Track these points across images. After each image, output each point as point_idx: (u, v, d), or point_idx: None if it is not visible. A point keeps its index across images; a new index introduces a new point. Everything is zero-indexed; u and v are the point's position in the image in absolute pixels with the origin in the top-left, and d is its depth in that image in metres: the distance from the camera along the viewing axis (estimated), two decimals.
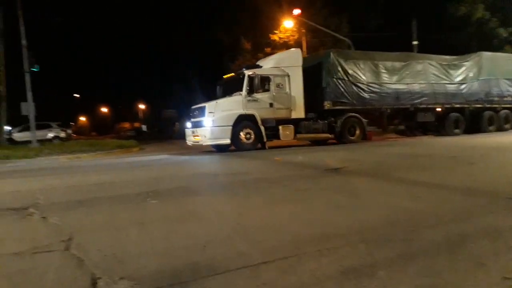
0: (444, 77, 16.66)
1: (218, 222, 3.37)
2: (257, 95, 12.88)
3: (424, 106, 16.22)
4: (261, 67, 13.92)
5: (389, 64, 15.63)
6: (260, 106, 12.90)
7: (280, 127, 13.13)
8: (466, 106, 17.16)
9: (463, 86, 17.09)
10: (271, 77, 13.23)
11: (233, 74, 14.60)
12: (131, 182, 6.29)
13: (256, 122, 12.69)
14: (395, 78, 15.60)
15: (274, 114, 13.16)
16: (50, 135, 28.49)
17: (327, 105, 14.14)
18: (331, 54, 14.56)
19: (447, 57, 17.36)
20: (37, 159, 12.83)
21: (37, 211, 4.06)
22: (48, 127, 28.86)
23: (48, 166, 10.73)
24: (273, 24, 27.31)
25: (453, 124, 17.05)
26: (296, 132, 13.53)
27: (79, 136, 42.87)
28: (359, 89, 14.78)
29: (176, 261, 2.44)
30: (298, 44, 25.96)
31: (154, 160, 11.31)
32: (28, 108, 18.15)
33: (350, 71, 14.62)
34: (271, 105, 13.11)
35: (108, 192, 5.25)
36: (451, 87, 16.80)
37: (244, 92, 12.76)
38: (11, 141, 24.87)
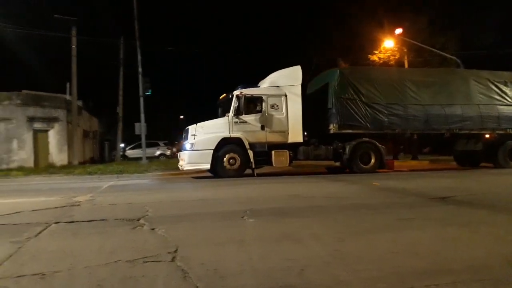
0: (496, 97, 13.95)
1: (315, 246, 3.29)
2: (246, 117, 11.84)
3: (466, 131, 13.66)
4: (258, 87, 12.83)
5: (418, 82, 13.55)
6: (249, 129, 11.85)
7: (273, 152, 11.87)
8: None
9: None
10: (264, 97, 12.11)
11: (225, 94, 13.16)
12: (231, 200, 6.52)
13: (244, 147, 11.69)
14: (425, 98, 13.36)
15: (266, 137, 11.99)
16: (158, 152, 31.19)
17: (332, 128, 12.56)
18: (338, 71, 13.12)
19: (504, 73, 14.55)
20: (146, 174, 14.02)
21: (146, 223, 4.41)
22: (156, 145, 31.77)
23: (155, 181, 11.67)
24: (372, 44, 26.63)
25: (509, 154, 13.97)
26: (294, 158, 12.37)
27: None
28: (375, 111, 12.87)
29: (274, 282, 2.43)
30: (399, 65, 24.88)
31: (249, 179, 11.52)
32: (141, 128, 20.14)
33: (363, 91, 12.86)
34: (262, 127, 11.96)
35: (210, 208, 5.52)
36: (507, 110, 13.92)
37: (230, 113, 11.86)
38: (125, 157, 27.81)
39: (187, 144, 11.65)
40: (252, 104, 12.02)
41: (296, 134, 12.20)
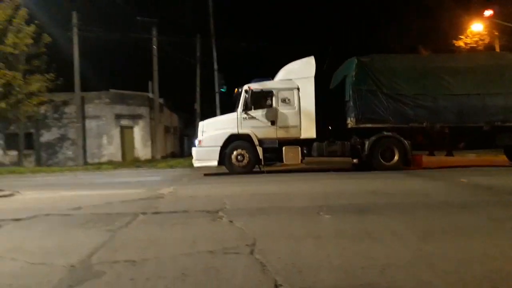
0: None
1: (397, 245, 3.16)
2: (255, 112, 11.42)
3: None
4: (271, 80, 12.19)
5: (452, 69, 11.99)
6: (258, 125, 11.41)
7: (284, 148, 11.32)
8: None
9: None
10: (274, 91, 11.57)
11: (237, 89, 12.56)
12: (305, 195, 6.49)
13: (253, 143, 11.28)
14: (460, 87, 11.77)
15: (277, 133, 11.48)
16: None
17: (350, 122, 11.69)
18: (355, 60, 11.90)
19: None
20: (220, 168, 14.35)
21: (225, 215, 4.57)
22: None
23: (230, 175, 11.96)
24: (457, 28, 24.69)
25: None
26: (308, 154, 11.68)
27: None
28: (398, 103, 11.68)
29: (354, 280, 2.38)
30: (489, 49, 22.78)
31: (320, 174, 11.37)
32: None
33: (385, 81, 11.73)
34: (272, 123, 11.45)
35: (285, 203, 5.56)
36: None
37: (239, 109, 11.51)
38: None
39: (196, 141, 11.72)
40: (261, 99, 11.60)
41: (308, 129, 11.55)
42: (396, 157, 11.59)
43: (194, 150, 11.59)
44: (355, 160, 12.13)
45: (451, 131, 12.05)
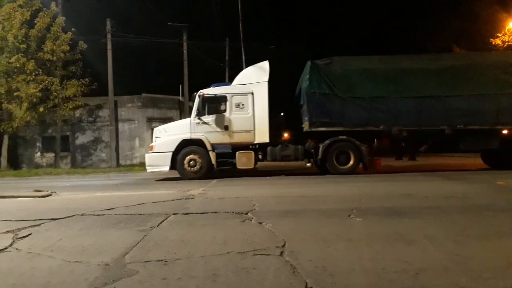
0: None
1: (432, 249, 3.06)
2: (208, 118, 11.31)
3: (476, 127, 11.18)
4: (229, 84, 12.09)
5: (412, 71, 11.47)
6: (211, 130, 11.29)
7: (237, 153, 11.13)
8: None
9: None
10: (228, 96, 11.40)
11: (194, 94, 12.37)
12: (334, 197, 6.42)
13: (206, 148, 11.18)
14: (420, 89, 11.24)
15: (231, 138, 11.33)
16: None
17: (304, 126, 11.43)
18: (309, 64, 11.58)
19: None
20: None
21: (254, 217, 4.57)
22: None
23: (257, 177, 11.96)
24: (493, 26, 23.75)
25: None
26: (263, 159, 11.46)
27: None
28: (354, 106, 11.27)
29: (387, 284, 2.34)
30: None
31: (351, 178, 11.18)
32: None
33: (340, 84, 11.37)
34: (226, 128, 11.31)
35: (314, 205, 5.50)
36: None
37: (192, 114, 11.48)
38: None
39: (150, 146, 11.80)
40: (215, 104, 11.49)
41: (262, 134, 11.36)
42: (351, 161, 11.36)
43: (146, 156, 11.68)
44: (308, 164, 11.85)
45: (411, 134, 11.71)
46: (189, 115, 12.06)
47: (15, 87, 17.48)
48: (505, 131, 11.39)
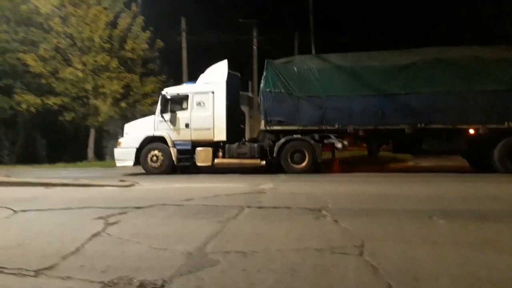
0: (489, 80, 10.24)
1: None
2: (170, 115, 11.69)
3: (440, 126, 10.49)
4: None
5: (370, 68, 10.99)
6: (173, 127, 11.68)
7: (196, 150, 11.43)
8: None
9: None
10: (190, 95, 11.73)
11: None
12: (412, 197, 6.11)
13: (168, 144, 11.58)
14: (378, 87, 10.78)
15: (191, 135, 11.61)
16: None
17: (261, 125, 11.55)
18: (266, 63, 11.59)
19: (493, 48, 11.05)
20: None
21: (328, 214, 4.52)
22: (327, 138, 31.95)
23: (325, 173, 11.76)
24: None
25: (507, 156, 10.08)
26: (222, 156, 11.47)
27: (354, 147, 45.11)
28: (309, 105, 11.12)
29: None
30: None
31: (432, 175, 10.57)
32: None
33: (295, 83, 11.18)
34: (187, 125, 11.63)
35: (390, 205, 5.30)
36: (501, 97, 10.14)
37: (156, 112, 11.95)
38: None
39: (118, 142, 12.39)
40: (178, 102, 11.90)
41: (220, 132, 11.60)
42: (306, 160, 11.16)
43: (115, 151, 12.33)
44: (262, 162, 11.57)
45: (368, 133, 11.18)
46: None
47: (101, 84, 18.96)
48: (471, 131, 10.55)
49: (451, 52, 11.17)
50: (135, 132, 12.12)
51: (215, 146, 11.66)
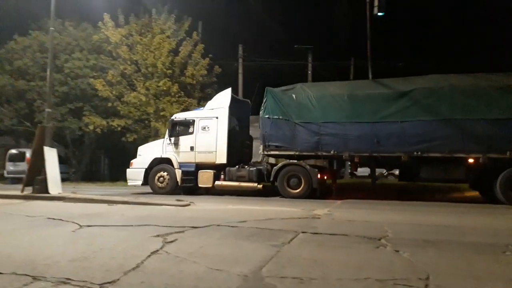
0: (489, 109, 9.95)
1: None
2: (178, 139, 12.59)
3: (438, 155, 10.26)
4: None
5: (368, 96, 11.18)
6: (180, 150, 12.55)
7: (199, 172, 12.15)
8: None
9: None
10: (196, 120, 12.63)
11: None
12: (483, 229, 5.68)
13: (174, 166, 12.42)
14: (374, 114, 10.81)
15: (196, 158, 12.39)
16: (385, 171, 30.13)
17: (260, 150, 11.96)
18: (266, 90, 12.05)
19: (494, 75, 10.46)
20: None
21: (389, 244, 4.30)
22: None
23: (388, 200, 11.31)
24: None
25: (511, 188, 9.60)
26: (224, 179, 12.01)
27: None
28: (306, 131, 11.39)
29: None
30: None
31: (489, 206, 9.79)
32: None
33: (293, 110, 11.59)
34: (191, 148, 12.45)
35: (458, 237, 4.95)
36: (503, 125, 9.82)
37: (166, 135, 12.94)
38: (352, 175, 28.11)
39: (130, 163, 13.20)
40: (184, 127, 12.74)
41: (221, 155, 12.20)
42: (302, 186, 11.31)
43: (127, 171, 13.12)
44: (259, 186, 11.82)
45: (364, 160, 11.40)
46: None
47: (162, 108, 19.89)
48: (471, 160, 10.18)
49: (450, 80, 10.87)
50: (146, 154, 13.11)
51: (218, 169, 12.25)
